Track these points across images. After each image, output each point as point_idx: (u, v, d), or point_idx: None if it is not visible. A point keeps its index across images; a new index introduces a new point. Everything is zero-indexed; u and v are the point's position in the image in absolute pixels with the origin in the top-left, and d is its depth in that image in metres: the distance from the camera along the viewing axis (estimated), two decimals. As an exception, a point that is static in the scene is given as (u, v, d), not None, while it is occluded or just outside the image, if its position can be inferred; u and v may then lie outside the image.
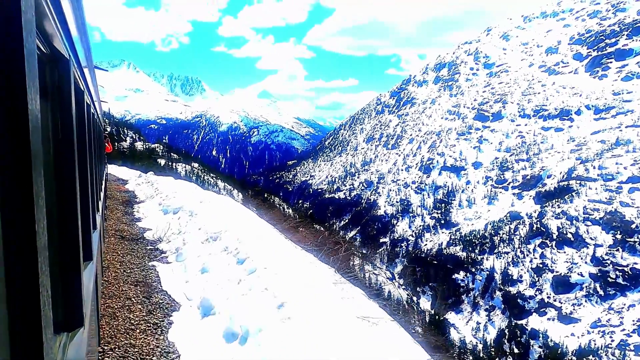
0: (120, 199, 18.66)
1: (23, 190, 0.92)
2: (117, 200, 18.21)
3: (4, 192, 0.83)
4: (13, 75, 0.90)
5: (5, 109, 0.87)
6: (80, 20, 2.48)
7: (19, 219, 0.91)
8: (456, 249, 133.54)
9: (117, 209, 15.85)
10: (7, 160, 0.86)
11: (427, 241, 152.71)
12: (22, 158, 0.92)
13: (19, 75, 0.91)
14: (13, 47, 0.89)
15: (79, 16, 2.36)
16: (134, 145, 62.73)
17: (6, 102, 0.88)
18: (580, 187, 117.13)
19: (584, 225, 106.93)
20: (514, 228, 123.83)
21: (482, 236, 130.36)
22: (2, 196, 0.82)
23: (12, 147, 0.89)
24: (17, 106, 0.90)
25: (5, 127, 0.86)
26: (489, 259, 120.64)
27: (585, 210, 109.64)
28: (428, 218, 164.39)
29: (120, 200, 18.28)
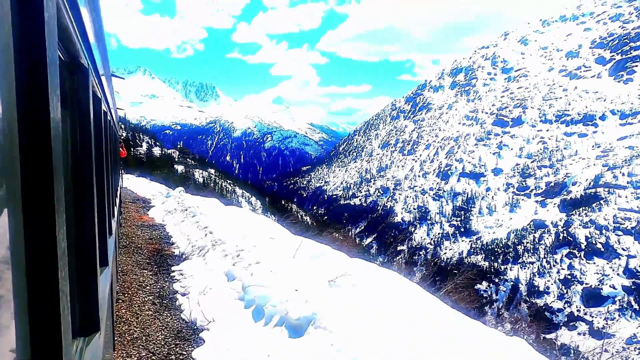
0: (142, 245, 11.47)
1: (45, 196, 0.92)
2: (136, 248, 11.10)
3: (28, 198, 0.83)
4: (37, 83, 0.92)
5: (29, 117, 0.88)
6: (99, 30, 2.54)
7: (41, 225, 0.92)
8: (477, 258, 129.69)
9: (137, 277, 8.94)
10: (31, 167, 0.87)
11: (446, 249, 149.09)
12: (45, 165, 0.93)
13: (42, 84, 0.93)
14: (37, 57, 0.92)
15: (97, 26, 2.42)
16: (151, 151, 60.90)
17: (30, 110, 0.89)
18: (609, 195, 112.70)
19: (614, 235, 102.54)
20: (538, 237, 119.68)
21: (505, 245, 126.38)
22: (26, 202, 0.82)
23: (36, 154, 0.91)
24: (40, 114, 0.92)
25: (29, 134, 0.87)
26: (513, 269, 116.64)
27: (615, 219, 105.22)
28: (447, 226, 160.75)
29: (144, 249, 11.11)
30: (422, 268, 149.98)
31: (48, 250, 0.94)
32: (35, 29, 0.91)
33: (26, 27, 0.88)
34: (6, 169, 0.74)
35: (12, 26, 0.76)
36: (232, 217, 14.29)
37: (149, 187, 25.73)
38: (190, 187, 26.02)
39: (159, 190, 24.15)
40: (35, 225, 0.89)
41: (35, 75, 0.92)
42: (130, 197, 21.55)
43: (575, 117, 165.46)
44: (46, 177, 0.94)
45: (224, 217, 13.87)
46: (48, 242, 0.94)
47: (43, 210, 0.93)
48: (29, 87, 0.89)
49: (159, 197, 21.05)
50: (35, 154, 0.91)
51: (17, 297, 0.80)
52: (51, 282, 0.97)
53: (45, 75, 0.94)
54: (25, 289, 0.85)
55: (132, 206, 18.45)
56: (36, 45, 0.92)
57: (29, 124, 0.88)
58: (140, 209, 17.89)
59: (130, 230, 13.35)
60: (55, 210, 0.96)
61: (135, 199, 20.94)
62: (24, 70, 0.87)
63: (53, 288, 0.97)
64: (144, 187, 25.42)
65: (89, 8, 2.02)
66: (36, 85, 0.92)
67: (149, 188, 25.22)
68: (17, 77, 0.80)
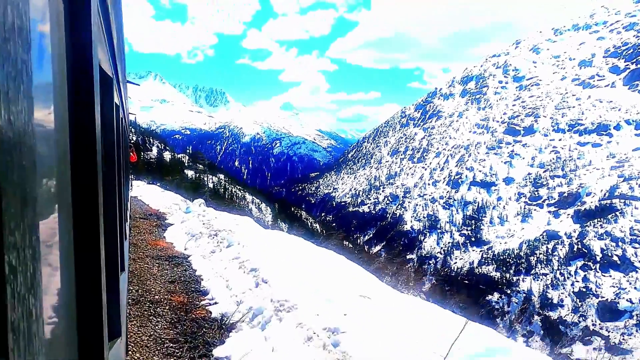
0: (161, 297, 7.77)
1: (92, 204, 0.97)
2: (153, 304, 7.38)
3: (77, 206, 0.85)
4: (85, 94, 0.99)
5: (79, 129, 0.94)
6: (120, 40, 2.62)
7: (89, 232, 0.96)
8: (489, 269, 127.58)
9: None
10: (79, 172, 0.91)
11: (456, 259, 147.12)
12: (90, 171, 0.98)
13: (90, 96, 1.00)
14: (88, 71, 0.99)
15: (119, 36, 2.49)
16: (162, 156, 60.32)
17: (80, 122, 0.95)
18: (625, 207, 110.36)
19: (631, 247, 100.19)
20: (551, 248, 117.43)
21: (517, 256, 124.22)
22: (75, 210, 0.84)
23: (85, 162, 0.96)
24: (88, 125, 0.99)
25: (78, 140, 0.93)
26: (525, 281, 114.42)
27: (632, 232, 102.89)
28: (457, 235, 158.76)
29: (164, 304, 7.42)
30: (431, 277, 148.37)
31: (94, 257, 0.98)
32: (84, 42, 0.97)
33: (77, 40, 0.94)
34: (59, 176, 0.76)
35: (65, 42, 0.84)
36: (282, 250, 10.56)
37: (162, 198, 22.62)
38: (206, 196, 24.26)
39: (174, 201, 21.12)
40: (84, 233, 0.93)
41: (85, 86, 0.98)
42: (142, 210, 18.35)
43: (589, 127, 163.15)
44: (92, 185, 0.99)
45: (273, 250, 10.26)
46: (94, 249, 0.97)
47: (90, 218, 0.98)
48: (79, 99, 0.95)
49: (177, 211, 17.73)
50: (84, 163, 0.95)
51: (66, 303, 0.83)
52: (96, 288, 1.01)
53: (92, 86, 1.01)
54: (74, 295, 0.88)
55: (144, 224, 15.03)
56: (85, 57, 0.98)
57: (79, 134, 0.94)
58: (154, 228, 14.43)
59: (143, 266, 9.61)
60: (99, 219, 1.01)
61: (147, 213, 17.63)
62: (75, 81, 0.93)
63: (97, 294, 1.01)
64: (157, 198, 22.47)
65: (115, 19, 2.08)
66: (85, 97, 0.98)
67: (162, 199, 22.22)
68: (69, 89, 0.87)
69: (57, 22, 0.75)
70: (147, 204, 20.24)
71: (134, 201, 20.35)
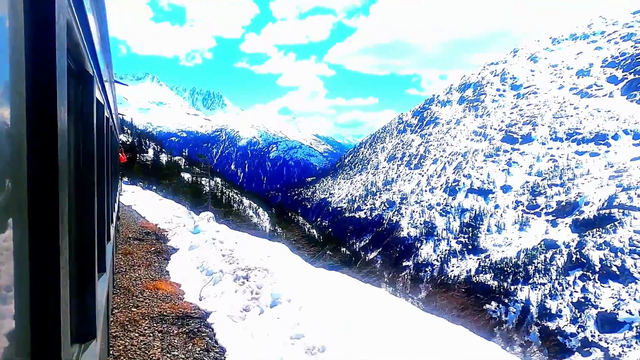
0: None
1: (50, 204, 0.93)
2: None
3: (33, 204, 0.85)
4: (46, 91, 0.95)
5: (37, 124, 0.90)
6: (104, 38, 2.64)
7: (45, 232, 0.93)
8: (486, 277, 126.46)
9: None
10: (37, 174, 0.89)
11: (453, 267, 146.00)
12: (50, 172, 0.95)
13: (50, 92, 0.96)
14: (47, 66, 0.96)
15: (103, 34, 2.50)
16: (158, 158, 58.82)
17: (38, 117, 0.91)
18: (624, 217, 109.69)
19: (630, 258, 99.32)
20: (550, 257, 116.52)
21: (515, 264, 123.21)
22: (31, 208, 0.83)
23: (43, 160, 0.93)
24: (48, 122, 0.95)
25: (37, 141, 0.89)
26: (523, 290, 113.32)
27: (631, 242, 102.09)
28: (454, 242, 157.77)
29: None
30: (428, 285, 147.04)
31: (52, 257, 0.94)
32: (46, 39, 0.94)
33: (38, 36, 0.91)
34: (14, 175, 0.75)
35: (24, 36, 0.81)
36: (349, 305, 7.11)
37: (161, 208, 19.68)
38: (208, 203, 22.05)
39: (175, 213, 17.99)
40: (40, 232, 0.90)
41: (45, 83, 0.94)
42: (136, 226, 14.72)
43: (587, 136, 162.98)
44: (52, 184, 0.96)
45: (339, 310, 6.73)
46: (52, 249, 0.94)
47: (48, 217, 0.94)
48: (39, 94, 0.91)
49: (181, 229, 14.12)
50: (42, 161, 0.93)
51: (19, 303, 0.81)
52: (53, 289, 0.97)
53: (54, 83, 0.97)
54: (27, 295, 0.86)
55: (139, 249, 11.40)
56: (47, 54, 0.95)
57: (37, 131, 0.90)
58: (152, 256, 10.77)
59: (137, 341, 5.95)
60: (59, 218, 0.98)
61: (143, 230, 14.04)
62: (34, 78, 0.89)
63: (55, 295, 0.97)
64: (155, 208, 19.45)
65: (96, 17, 2.06)
66: (45, 93, 0.95)
67: (161, 209, 19.25)
68: (27, 85, 0.83)
69: (15, 14, 0.74)
70: (142, 217, 17.35)
71: (128, 212, 17.99)
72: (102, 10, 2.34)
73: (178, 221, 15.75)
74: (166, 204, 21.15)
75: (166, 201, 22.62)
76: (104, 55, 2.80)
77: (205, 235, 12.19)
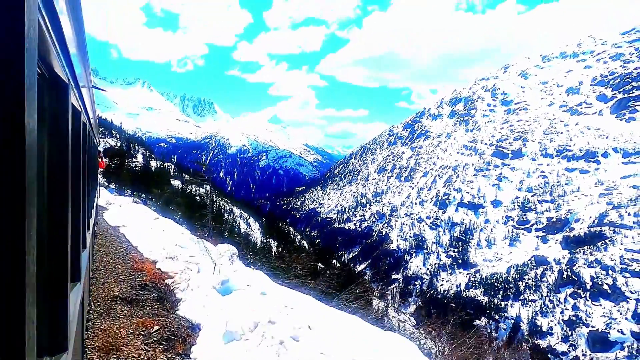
0: None
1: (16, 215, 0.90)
2: None
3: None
4: (14, 98, 0.91)
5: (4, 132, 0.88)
6: (81, 42, 2.56)
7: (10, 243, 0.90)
8: (476, 292, 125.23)
9: None
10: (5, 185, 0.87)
11: (443, 281, 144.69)
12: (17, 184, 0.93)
13: (19, 99, 0.92)
14: (14, 72, 0.91)
15: (79, 37, 2.41)
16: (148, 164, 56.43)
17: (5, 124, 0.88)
18: (615, 235, 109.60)
19: (621, 276, 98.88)
20: (540, 274, 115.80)
21: (505, 280, 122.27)
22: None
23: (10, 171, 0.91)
24: (15, 128, 0.91)
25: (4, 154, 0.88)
26: (514, 306, 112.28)
27: (622, 260, 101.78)
28: (444, 256, 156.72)
29: None
30: (417, 299, 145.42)
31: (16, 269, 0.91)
32: (14, 45, 0.90)
33: (4, 42, 0.88)
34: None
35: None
36: None
37: (158, 232, 14.59)
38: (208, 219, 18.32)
39: (178, 241, 12.74)
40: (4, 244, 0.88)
41: (10, 93, 0.91)
42: (126, 269, 9.77)
43: (577, 153, 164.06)
44: (18, 195, 0.92)
45: None
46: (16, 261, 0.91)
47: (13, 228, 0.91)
48: (6, 105, 0.89)
49: (195, 278, 9.09)
50: (9, 172, 0.91)
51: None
52: (17, 299, 0.93)
53: (22, 92, 0.93)
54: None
55: (129, 332, 6.18)
56: (14, 62, 0.91)
57: (6, 142, 0.88)
58: (159, 355, 5.62)
59: None
60: (25, 229, 0.94)
61: (136, 278, 9.06)
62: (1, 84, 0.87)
63: (19, 306, 0.94)
64: (150, 232, 14.40)
65: (71, 19, 2.00)
66: (13, 102, 0.91)
67: (158, 234, 14.17)
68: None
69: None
70: (134, 247, 12.29)
71: (114, 237, 13.30)
72: (78, 12, 2.24)
73: (186, 256, 10.91)
74: (164, 225, 16.61)
75: (164, 221, 18.19)
76: (81, 59, 2.72)
77: (243, 300, 7.48)
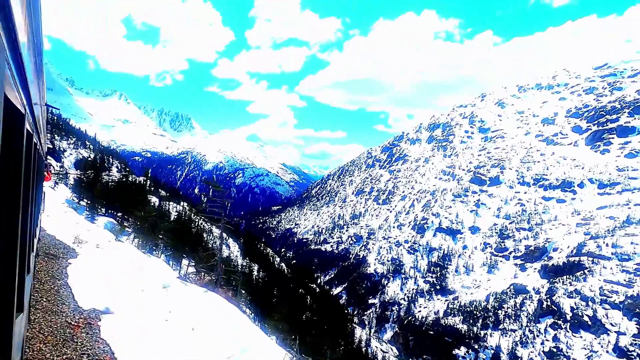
0: None
1: None
2: None
3: None
4: None
5: None
6: (39, 63, 2.41)
7: None
8: (455, 320, 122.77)
9: None
10: None
11: (421, 307, 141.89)
12: None
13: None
14: None
15: (37, 63, 2.27)
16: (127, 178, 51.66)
17: None
18: (594, 265, 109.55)
19: (602, 308, 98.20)
20: (520, 303, 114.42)
21: (484, 308, 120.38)
22: None
23: None
24: None
25: None
26: (493, 336, 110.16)
27: (602, 292, 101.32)
28: (422, 281, 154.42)
29: None
30: (394, 325, 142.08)
31: None
32: None
33: None
34: None
35: None
36: None
37: (150, 296, 10.19)
38: (219, 270, 13.66)
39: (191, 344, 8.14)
40: None
41: None
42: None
43: (554, 182, 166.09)
44: None
45: None
46: None
47: None
48: None
49: None
50: None
51: None
52: None
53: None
54: None
55: None
56: None
57: None
58: None
59: None
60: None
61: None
62: None
63: None
64: (161, 328, 8.63)
65: (31, 42, 1.87)
66: None
67: (164, 324, 8.96)
68: None
69: None
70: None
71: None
72: (38, 35, 2.06)
73: None
74: (161, 276, 10.82)
75: (161, 268, 11.89)
76: (37, 81, 2.46)
77: None
